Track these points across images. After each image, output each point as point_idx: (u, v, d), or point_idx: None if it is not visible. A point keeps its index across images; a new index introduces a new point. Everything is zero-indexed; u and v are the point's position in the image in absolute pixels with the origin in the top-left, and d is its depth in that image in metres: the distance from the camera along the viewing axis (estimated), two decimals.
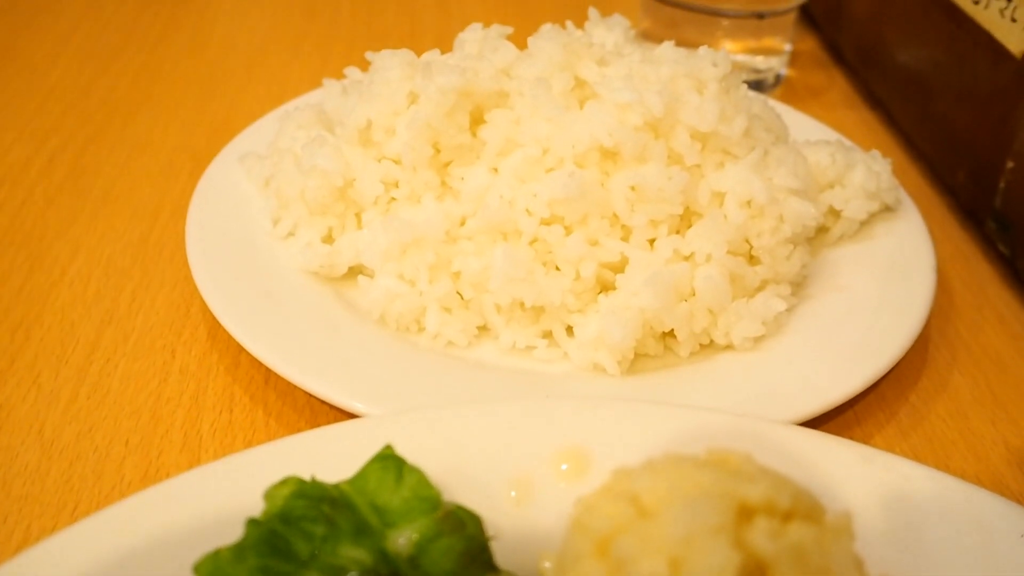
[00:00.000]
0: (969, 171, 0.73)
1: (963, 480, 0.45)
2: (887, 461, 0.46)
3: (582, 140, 0.57)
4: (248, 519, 0.38)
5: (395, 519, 0.40)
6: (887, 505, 0.44)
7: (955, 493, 0.44)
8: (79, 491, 0.51)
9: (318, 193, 0.61)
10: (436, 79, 0.59)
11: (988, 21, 0.69)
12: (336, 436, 0.46)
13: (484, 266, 0.56)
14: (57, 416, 0.55)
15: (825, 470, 0.45)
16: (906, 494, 0.44)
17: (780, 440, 0.46)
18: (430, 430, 0.46)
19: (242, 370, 0.58)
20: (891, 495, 0.44)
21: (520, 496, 0.45)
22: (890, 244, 0.64)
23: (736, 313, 0.56)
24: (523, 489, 0.45)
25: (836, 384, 0.53)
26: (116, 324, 0.62)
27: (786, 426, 0.47)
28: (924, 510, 0.44)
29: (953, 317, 0.65)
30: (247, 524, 0.38)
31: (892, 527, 0.43)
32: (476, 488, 0.44)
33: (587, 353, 0.55)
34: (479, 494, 0.44)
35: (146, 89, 0.89)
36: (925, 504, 0.44)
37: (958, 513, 0.44)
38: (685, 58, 0.63)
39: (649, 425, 0.47)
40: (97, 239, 0.69)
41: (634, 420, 0.47)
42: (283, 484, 0.40)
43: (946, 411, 0.58)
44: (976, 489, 0.44)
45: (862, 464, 0.46)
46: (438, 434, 0.46)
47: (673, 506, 0.34)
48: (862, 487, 0.44)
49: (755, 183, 0.58)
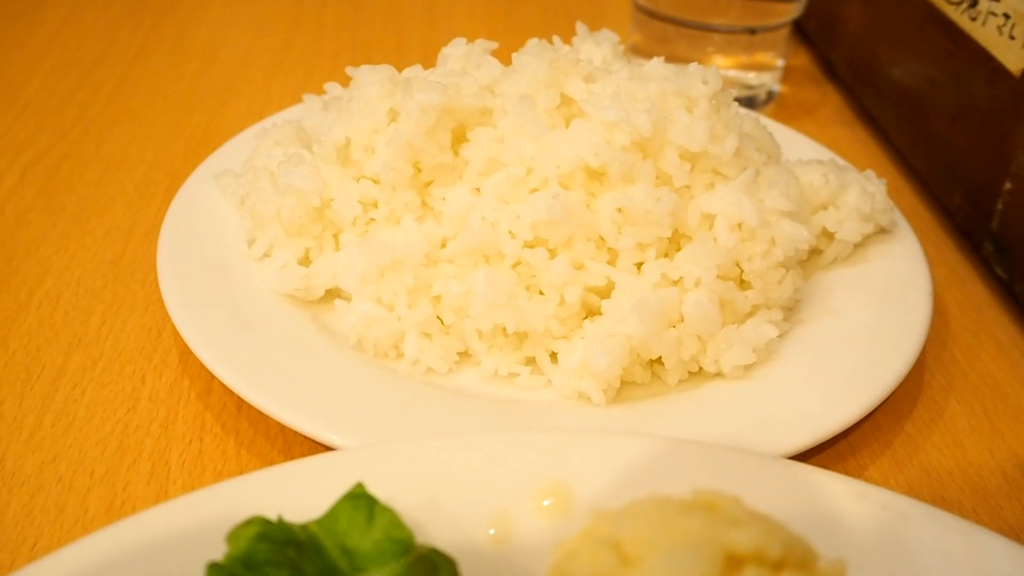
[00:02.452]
0: (966, 192, 0.71)
1: (961, 518, 0.43)
2: (883, 498, 0.44)
3: (567, 160, 0.55)
4: (209, 564, 0.36)
5: (365, 563, 0.38)
6: (883, 547, 0.42)
7: (953, 533, 0.42)
8: (40, 525, 0.48)
9: (294, 213, 0.59)
10: (417, 96, 0.57)
11: (985, 38, 0.67)
12: (307, 471, 0.44)
13: (465, 290, 0.55)
14: (19, 445, 0.53)
15: (818, 508, 0.43)
16: (903, 534, 0.42)
17: (771, 475, 0.44)
18: (406, 463, 0.44)
19: (214, 397, 0.56)
20: (887, 535, 0.42)
21: (499, 534, 0.43)
22: (885, 267, 0.63)
23: (726, 340, 0.54)
24: (502, 526, 0.43)
25: (829, 415, 0.51)
26: (84, 349, 0.59)
27: (777, 460, 0.45)
28: (921, 552, 0.42)
29: (949, 342, 0.64)
30: (208, 569, 0.36)
31: (885, 565, 0.41)
32: (453, 525, 0.43)
33: (571, 381, 0.53)
34: (456, 531, 0.42)
35: (124, 103, 0.87)
36: (922, 545, 0.42)
37: (957, 554, 0.42)
38: (675, 75, 0.61)
39: (635, 459, 0.45)
40: (68, 260, 0.67)
41: (619, 454, 0.45)
42: (247, 525, 0.38)
43: (942, 441, 0.56)
44: (975, 528, 0.43)
45: (857, 501, 0.44)
46: (414, 468, 0.44)
47: (656, 554, 0.32)
48: (857, 527, 0.43)
49: (746, 205, 0.56)
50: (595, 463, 0.45)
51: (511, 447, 0.45)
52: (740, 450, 0.45)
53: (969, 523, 0.43)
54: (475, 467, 0.45)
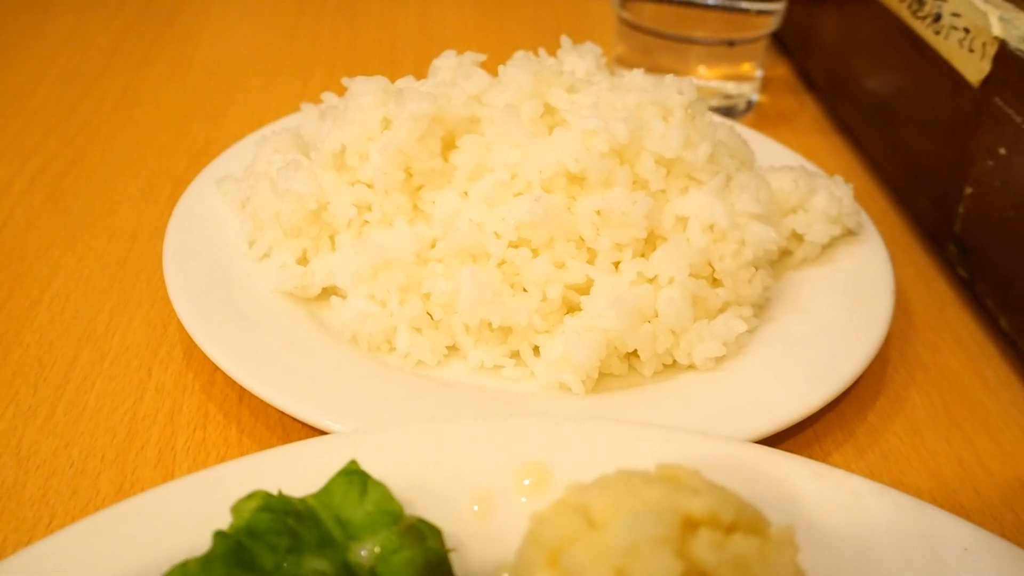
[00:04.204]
0: (931, 197, 0.75)
1: (913, 496, 0.46)
2: (839, 478, 0.47)
3: (549, 165, 0.59)
4: (215, 532, 0.39)
5: (358, 532, 0.41)
6: (837, 520, 0.45)
7: (904, 509, 0.46)
8: (55, 505, 0.52)
9: (293, 216, 0.62)
10: (409, 105, 0.61)
11: (948, 51, 0.71)
12: (304, 452, 0.47)
13: (453, 288, 0.58)
14: (34, 432, 0.56)
15: (778, 487, 0.47)
16: (856, 511, 0.46)
17: (735, 457, 0.48)
18: (396, 447, 0.48)
19: (217, 388, 0.59)
20: (841, 511, 0.46)
21: (482, 510, 0.46)
22: (851, 268, 0.66)
23: (698, 334, 0.58)
24: (485, 504, 0.46)
25: (793, 403, 0.55)
26: (94, 343, 0.63)
27: (740, 443, 0.48)
28: (873, 525, 0.45)
29: (912, 338, 0.67)
30: (214, 537, 0.39)
31: (841, 542, 0.45)
32: (440, 503, 0.46)
33: (552, 372, 0.57)
34: (443, 509, 0.45)
35: (128, 112, 0.91)
36: (874, 519, 0.45)
37: (906, 528, 0.45)
38: (652, 86, 0.65)
39: (608, 442, 0.48)
40: (76, 260, 0.70)
41: (594, 437, 0.49)
42: (250, 498, 0.41)
43: (902, 429, 0.60)
44: (924, 504, 0.46)
45: (815, 481, 0.47)
46: (404, 450, 0.48)
47: (620, 518, 0.35)
48: (814, 503, 0.46)
49: (717, 208, 0.60)
50: (571, 446, 0.48)
51: (494, 432, 0.49)
52: (706, 434, 0.49)
53: (918, 500, 0.46)
54: (461, 450, 0.48)
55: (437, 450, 0.48)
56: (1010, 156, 0.64)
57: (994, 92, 0.65)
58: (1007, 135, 0.64)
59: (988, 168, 0.66)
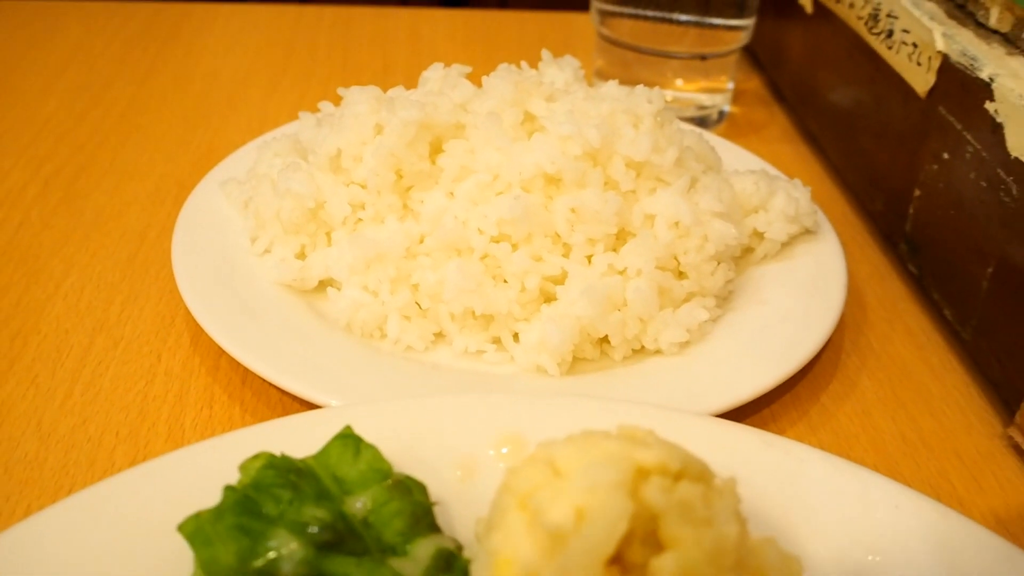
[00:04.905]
0: (885, 199, 0.80)
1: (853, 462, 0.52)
2: (786, 445, 0.52)
3: (528, 168, 0.64)
4: (225, 486, 0.44)
5: (352, 487, 0.46)
6: (781, 480, 0.50)
7: (842, 471, 0.51)
8: (74, 475, 0.57)
9: (292, 214, 0.67)
10: (399, 113, 0.66)
11: (899, 64, 0.77)
12: (303, 422, 0.52)
13: (440, 279, 0.63)
14: (54, 411, 0.61)
15: (730, 452, 0.52)
16: (800, 473, 0.51)
17: (692, 427, 0.53)
18: (387, 418, 0.53)
19: (221, 372, 0.65)
20: (786, 473, 0.51)
21: (464, 475, 0.51)
22: (808, 263, 0.72)
23: (663, 321, 0.63)
24: (467, 469, 0.51)
25: (750, 382, 0.60)
26: (106, 332, 0.68)
27: (698, 416, 0.54)
28: (812, 485, 0.50)
29: (866, 329, 0.72)
30: (224, 490, 0.44)
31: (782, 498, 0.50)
32: (426, 468, 0.50)
33: (530, 356, 0.62)
34: (428, 473, 0.50)
35: (134, 121, 0.96)
36: (814, 480, 0.50)
37: (843, 487, 0.50)
38: (624, 96, 0.70)
39: (579, 415, 0.53)
40: (89, 257, 0.76)
41: (566, 410, 0.54)
42: (256, 458, 0.46)
43: (852, 410, 0.65)
44: (861, 468, 0.51)
45: (763, 448, 0.52)
46: (394, 422, 0.52)
47: (581, 467, 0.40)
48: (761, 466, 0.51)
49: (682, 207, 0.65)
50: (545, 418, 0.53)
51: (475, 406, 0.54)
52: (667, 407, 0.54)
53: (857, 465, 0.51)
54: (445, 421, 0.53)
55: (424, 421, 0.53)
56: (952, 160, 0.69)
57: (938, 102, 0.71)
58: (949, 141, 0.69)
59: (933, 172, 0.72)
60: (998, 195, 0.64)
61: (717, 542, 0.39)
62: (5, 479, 0.56)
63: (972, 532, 0.48)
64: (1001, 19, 0.70)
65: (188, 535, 0.43)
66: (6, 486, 0.56)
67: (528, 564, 0.39)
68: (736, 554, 0.40)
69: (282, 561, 0.42)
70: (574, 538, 0.38)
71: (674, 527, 0.39)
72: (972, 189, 0.67)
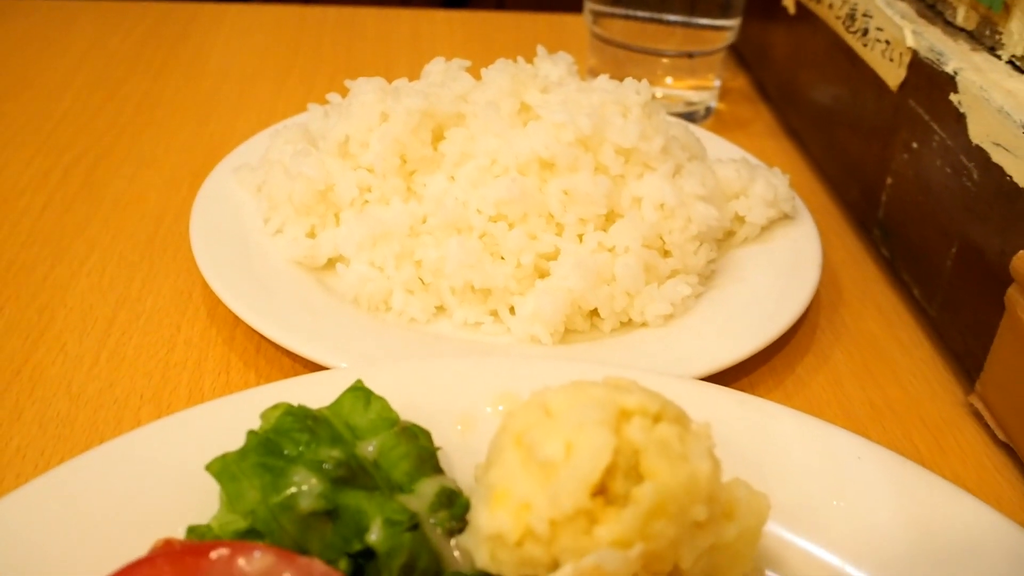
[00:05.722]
0: (860, 188, 0.85)
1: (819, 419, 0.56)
2: (759, 403, 0.57)
3: (524, 153, 0.69)
4: (248, 431, 0.49)
5: (363, 433, 0.51)
6: (753, 433, 0.55)
7: (809, 427, 0.56)
8: (103, 433, 0.61)
9: (303, 196, 0.72)
10: (404, 101, 0.71)
11: (873, 60, 0.82)
12: (317, 380, 0.57)
13: (441, 255, 0.68)
14: (82, 375, 0.65)
15: (707, 408, 0.56)
16: (770, 427, 0.56)
17: (673, 387, 0.57)
18: (393, 378, 0.57)
19: (237, 342, 0.69)
20: (757, 426, 0.55)
21: (464, 429, 0.56)
22: (786, 245, 0.76)
23: (649, 295, 0.68)
24: (467, 423, 0.56)
25: (728, 351, 0.65)
26: (129, 306, 0.72)
27: (679, 378, 0.58)
28: (782, 438, 0.55)
29: (840, 308, 0.77)
30: (248, 434, 0.49)
31: (754, 449, 0.54)
32: (429, 423, 0.55)
33: (525, 327, 0.67)
34: (431, 427, 0.55)
35: (149, 114, 1.01)
36: (783, 434, 0.55)
37: (809, 441, 0.55)
38: (614, 88, 0.75)
39: (570, 375, 0.57)
40: (110, 239, 0.80)
41: (557, 372, 0.58)
42: (275, 408, 0.51)
43: (825, 380, 0.70)
44: (827, 424, 0.56)
45: (738, 406, 0.57)
46: (400, 381, 0.57)
47: (571, 408, 0.45)
48: (735, 420, 0.56)
49: (667, 190, 0.70)
50: (539, 378, 0.58)
51: (474, 367, 0.59)
52: (652, 370, 0.59)
53: (823, 421, 0.56)
54: (447, 381, 0.58)
55: (427, 380, 0.58)
56: (920, 149, 0.74)
57: (909, 95, 0.76)
58: (918, 131, 0.74)
59: (904, 161, 0.77)
60: (961, 180, 0.68)
61: (691, 475, 0.44)
62: (39, 434, 0.61)
63: (927, 479, 0.53)
64: (967, 17, 0.75)
65: (216, 473, 0.47)
66: (40, 440, 0.60)
67: (523, 494, 0.44)
68: (708, 488, 0.44)
69: (301, 495, 0.46)
70: (563, 468, 0.43)
71: (653, 461, 0.43)
72: (938, 176, 0.72)
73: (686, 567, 0.44)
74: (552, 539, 0.43)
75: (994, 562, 0.49)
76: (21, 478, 0.57)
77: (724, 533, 0.46)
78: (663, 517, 0.42)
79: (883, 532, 0.51)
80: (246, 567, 0.42)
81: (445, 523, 0.47)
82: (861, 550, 0.51)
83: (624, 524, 0.42)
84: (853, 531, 0.51)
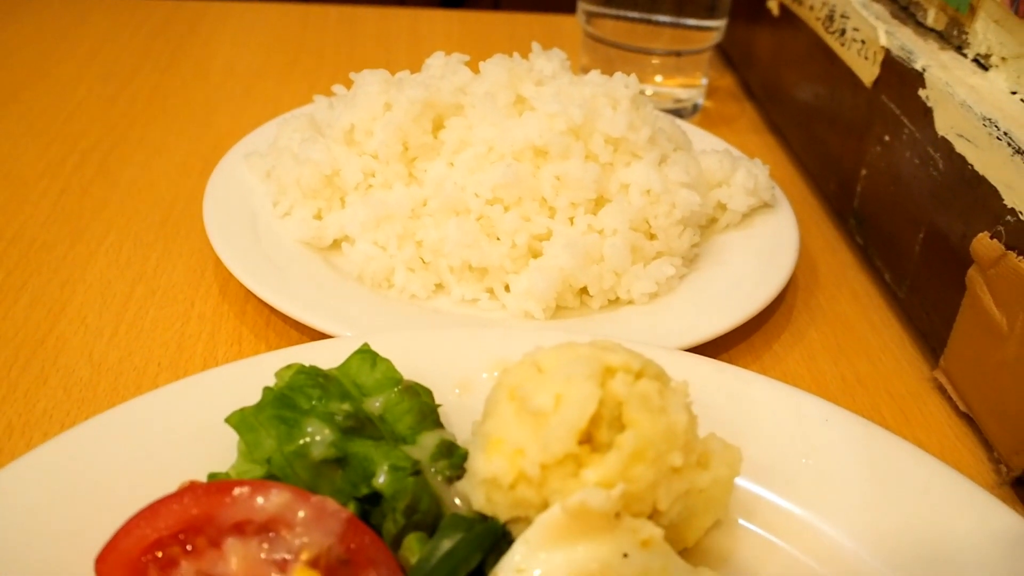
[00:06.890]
0: (838, 180, 0.90)
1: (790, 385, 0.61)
2: (735, 371, 0.62)
3: (519, 141, 0.73)
4: (264, 387, 0.53)
5: (370, 391, 0.55)
6: (727, 397, 0.59)
7: (783, 393, 0.60)
8: (124, 396, 0.65)
9: (310, 180, 0.76)
10: (406, 92, 0.75)
11: (849, 59, 0.87)
12: (326, 346, 0.61)
13: (441, 236, 0.72)
14: (103, 345, 0.70)
15: (686, 374, 0.61)
16: (745, 392, 0.60)
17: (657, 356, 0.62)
18: (396, 345, 0.61)
19: (248, 316, 0.73)
20: (732, 391, 0.60)
21: (462, 392, 0.60)
22: (765, 232, 0.81)
23: (635, 275, 0.72)
24: (464, 387, 0.60)
25: (708, 326, 0.69)
26: (145, 282, 0.77)
27: (662, 348, 0.63)
28: (755, 402, 0.59)
29: (816, 291, 0.82)
30: (264, 390, 0.53)
31: (729, 411, 0.58)
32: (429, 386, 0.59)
33: (519, 303, 0.71)
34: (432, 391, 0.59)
35: (159, 105, 1.05)
36: (756, 398, 0.60)
37: (780, 405, 0.59)
38: (604, 82, 0.80)
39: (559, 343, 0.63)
40: (125, 221, 0.84)
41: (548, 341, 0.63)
42: (288, 368, 0.55)
43: (800, 356, 0.74)
44: (797, 390, 0.60)
45: (716, 373, 0.61)
46: (402, 348, 0.61)
47: (560, 365, 0.49)
48: (712, 385, 0.60)
49: (653, 177, 0.74)
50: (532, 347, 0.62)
51: (471, 336, 0.63)
52: (639, 341, 0.63)
53: (794, 387, 0.60)
54: (446, 348, 0.62)
55: (428, 348, 0.62)
56: (892, 142, 0.79)
57: (881, 91, 0.81)
58: (890, 125, 0.79)
59: (877, 153, 0.81)
60: (928, 170, 0.73)
61: (669, 426, 0.48)
62: (64, 398, 0.65)
63: (889, 440, 0.57)
64: (937, 18, 0.80)
65: (235, 424, 0.52)
66: (65, 403, 0.64)
67: (517, 441, 0.48)
68: (685, 437, 0.49)
69: (314, 444, 0.50)
70: (553, 417, 0.47)
71: (634, 412, 0.48)
72: (908, 166, 0.76)
73: (663, 508, 0.48)
74: (543, 482, 0.47)
75: (952, 513, 0.53)
76: (48, 437, 0.61)
77: (699, 480, 0.50)
78: (643, 462, 0.47)
79: (847, 487, 0.56)
80: (264, 503, 0.47)
81: (445, 471, 0.52)
82: (827, 503, 0.55)
83: (607, 468, 0.47)
84: (820, 486, 0.56)
